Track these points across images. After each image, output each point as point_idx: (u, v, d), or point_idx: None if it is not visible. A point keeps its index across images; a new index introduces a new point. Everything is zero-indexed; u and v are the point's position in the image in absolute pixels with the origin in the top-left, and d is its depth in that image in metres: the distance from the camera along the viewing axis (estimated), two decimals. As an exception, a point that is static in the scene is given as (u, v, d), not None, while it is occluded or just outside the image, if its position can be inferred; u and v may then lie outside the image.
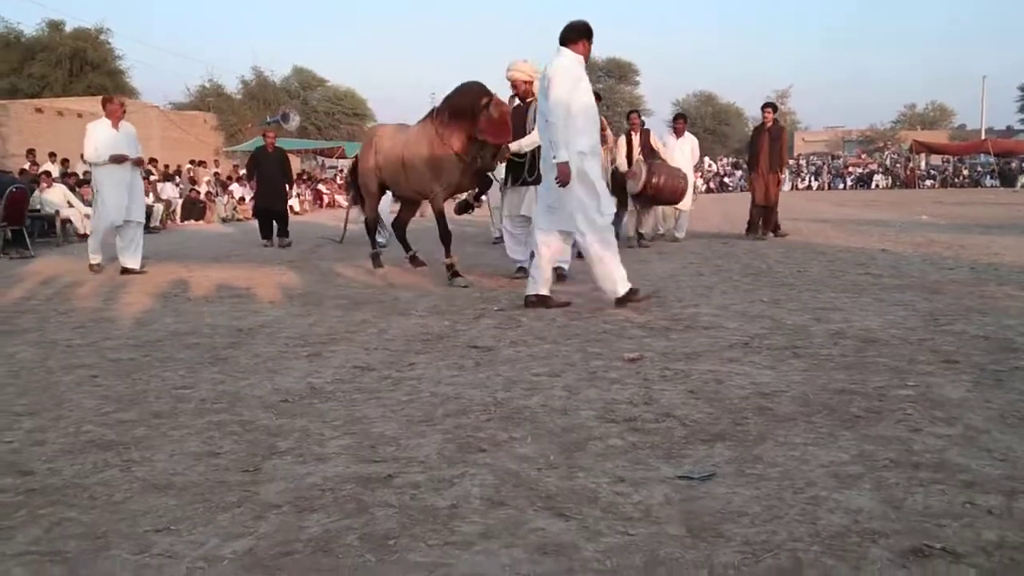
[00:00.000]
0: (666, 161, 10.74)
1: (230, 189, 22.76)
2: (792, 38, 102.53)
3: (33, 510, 2.45)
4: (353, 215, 11.42)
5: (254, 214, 13.97)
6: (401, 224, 8.55)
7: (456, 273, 7.26)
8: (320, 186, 28.32)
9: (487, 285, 7.20)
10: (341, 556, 2.12)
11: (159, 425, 3.27)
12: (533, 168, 7.18)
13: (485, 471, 2.67)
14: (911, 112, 55.88)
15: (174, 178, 22.45)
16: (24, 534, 2.29)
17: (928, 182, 40.53)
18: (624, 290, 5.70)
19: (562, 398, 3.52)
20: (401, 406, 3.46)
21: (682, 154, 11.44)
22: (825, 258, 8.81)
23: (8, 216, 11.93)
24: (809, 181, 42.94)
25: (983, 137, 43.44)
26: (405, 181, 7.80)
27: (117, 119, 8.91)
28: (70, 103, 28.15)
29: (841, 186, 41.50)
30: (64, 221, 14.53)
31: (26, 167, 17.58)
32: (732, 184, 40.82)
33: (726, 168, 44.51)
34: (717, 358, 4.18)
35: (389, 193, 8.83)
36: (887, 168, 43.70)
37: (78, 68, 35.43)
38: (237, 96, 40.27)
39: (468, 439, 3.00)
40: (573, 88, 5.49)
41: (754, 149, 11.61)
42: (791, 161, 38.86)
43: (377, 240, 10.10)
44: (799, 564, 2.01)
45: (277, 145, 13.52)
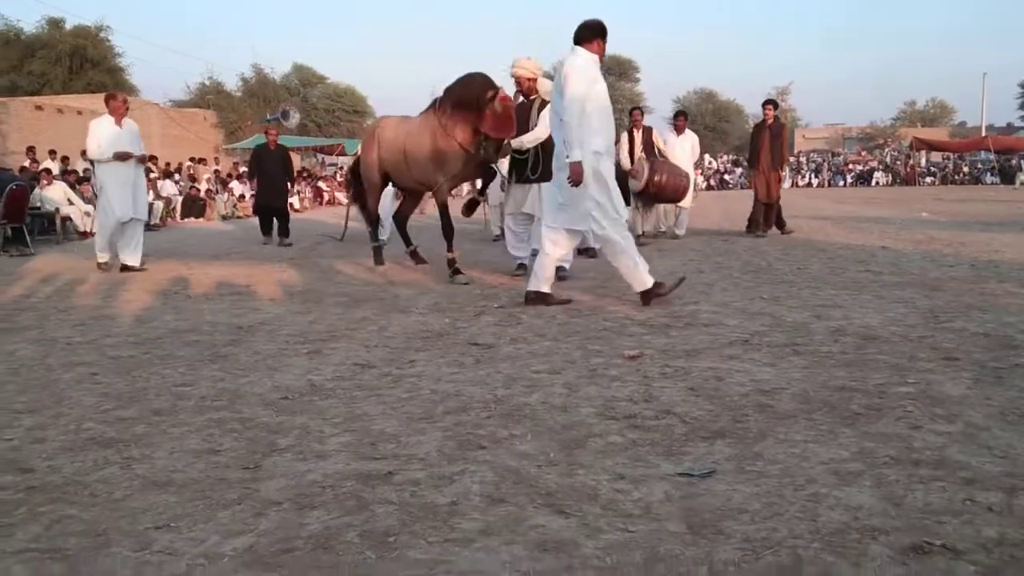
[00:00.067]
0: (668, 159, 10.73)
1: (230, 187, 22.74)
2: (792, 35, 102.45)
3: (33, 507, 2.45)
4: (353, 212, 11.41)
5: (255, 211, 13.94)
6: (403, 217, 8.53)
7: (457, 270, 7.25)
8: (320, 183, 28.27)
9: (487, 282, 7.20)
10: (341, 553, 2.12)
11: (159, 422, 3.28)
12: (536, 165, 7.17)
13: (485, 468, 2.67)
14: (911, 109, 55.76)
15: (174, 175, 22.44)
16: (24, 531, 2.30)
17: (928, 179, 40.49)
18: (650, 283, 5.66)
19: (562, 395, 3.52)
20: (401, 403, 3.46)
21: (683, 151, 11.44)
22: (825, 255, 8.80)
23: (8, 214, 11.93)
24: (809, 178, 42.93)
25: (983, 134, 43.35)
26: (408, 172, 7.76)
27: (120, 116, 8.88)
28: (70, 100, 28.18)
29: (841, 183, 41.47)
30: (64, 219, 14.52)
31: (26, 165, 17.58)
32: (732, 181, 40.81)
33: (726, 165, 44.48)
34: (717, 355, 4.19)
35: (389, 191, 8.82)
36: (887, 165, 43.64)
37: (78, 65, 35.46)
38: (237, 93, 40.29)
39: (468, 436, 3.00)
40: (589, 88, 5.46)
41: (755, 146, 11.56)
42: (791, 158, 38.84)
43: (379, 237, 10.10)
44: (799, 561, 2.01)
45: (279, 142, 13.45)
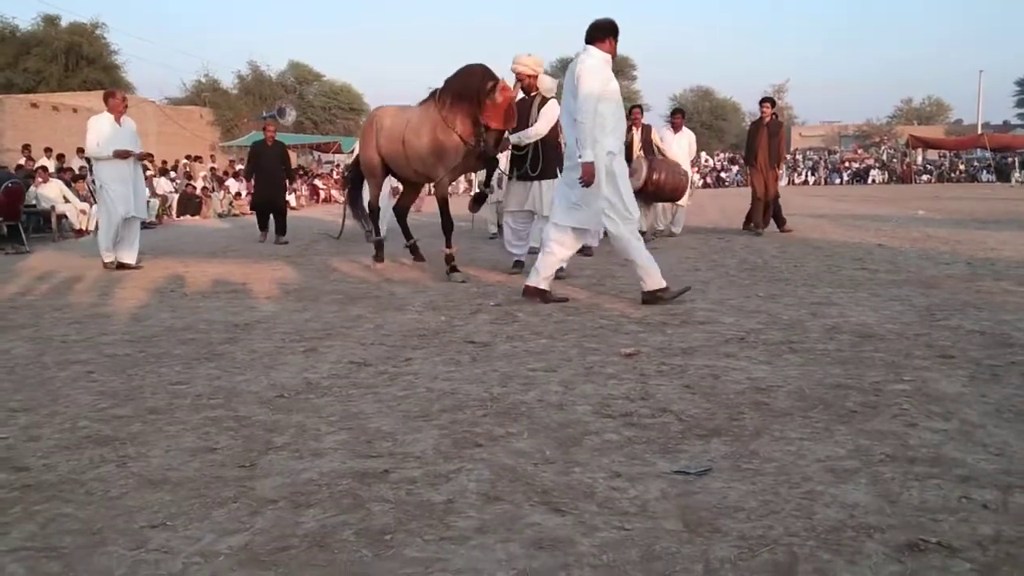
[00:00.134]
0: (667, 157, 10.73)
1: (226, 184, 22.72)
2: (789, 33, 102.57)
3: (28, 506, 2.45)
4: (350, 211, 11.39)
5: (252, 207, 13.87)
6: (403, 209, 8.43)
7: (454, 268, 7.23)
8: (316, 181, 28.24)
9: (484, 280, 7.20)
10: (337, 551, 2.12)
11: (155, 421, 3.27)
12: (536, 162, 7.14)
13: (481, 466, 2.67)
14: (908, 107, 55.87)
15: (169, 173, 22.41)
16: (19, 530, 2.29)
17: (924, 177, 40.54)
18: (662, 284, 5.66)
19: (558, 393, 3.52)
20: (397, 401, 3.46)
21: (679, 149, 11.43)
22: (821, 253, 8.81)
23: (3, 211, 11.91)
24: (806, 176, 42.97)
25: (980, 132, 43.41)
26: (407, 163, 7.66)
27: (119, 114, 8.83)
28: (65, 98, 28.16)
29: (838, 181, 41.52)
30: (60, 217, 14.49)
31: (22, 163, 17.54)
32: (729, 179, 40.84)
33: (723, 163, 44.50)
34: (713, 353, 4.19)
35: (386, 188, 8.78)
36: (884, 163, 43.69)
37: (74, 63, 35.45)
38: (233, 91, 40.30)
39: (464, 434, 3.00)
40: (602, 87, 5.44)
41: (752, 144, 11.52)
42: (788, 156, 38.87)
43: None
44: (795, 559, 2.01)
45: (276, 139, 13.36)
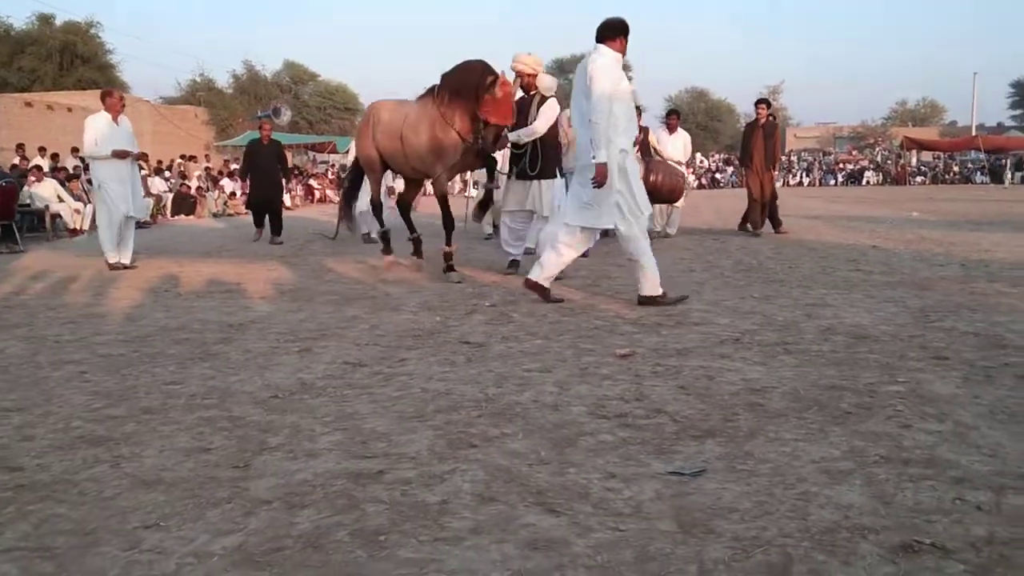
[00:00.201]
0: (664, 159, 10.74)
1: (221, 184, 22.67)
2: (784, 34, 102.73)
3: (22, 506, 2.44)
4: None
5: (248, 206, 13.81)
6: (405, 204, 8.31)
7: (451, 267, 7.21)
8: (312, 181, 28.19)
9: (479, 281, 7.19)
10: (331, 552, 2.11)
11: (149, 421, 3.26)
12: (535, 161, 7.12)
13: (476, 467, 2.67)
14: (902, 108, 56.00)
15: (163, 172, 22.36)
16: (13, 530, 2.29)
17: (919, 178, 40.64)
18: (658, 292, 5.65)
19: (553, 394, 3.52)
20: (392, 402, 3.46)
21: (675, 150, 11.45)
22: (816, 254, 8.83)
23: (-3, 211, 11.86)
24: (800, 177, 43.04)
25: (974, 134, 43.51)
26: (405, 160, 7.54)
27: (117, 113, 8.77)
28: (60, 97, 28.09)
29: (832, 182, 41.60)
30: (54, 216, 14.44)
31: (16, 162, 17.48)
32: (724, 180, 40.88)
33: (718, 164, 44.55)
34: (708, 354, 4.19)
35: (383, 188, 8.73)
36: (878, 164, 43.79)
37: (68, 62, 35.35)
38: (228, 90, 40.22)
39: (459, 435, 3.00)
40: (614, 87, 5.42)
41: (748, 146, 11.51)
42: (783, 157, 38.92)
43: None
44: (789, 560, 2.02)
45: (273, 138, 13.29)
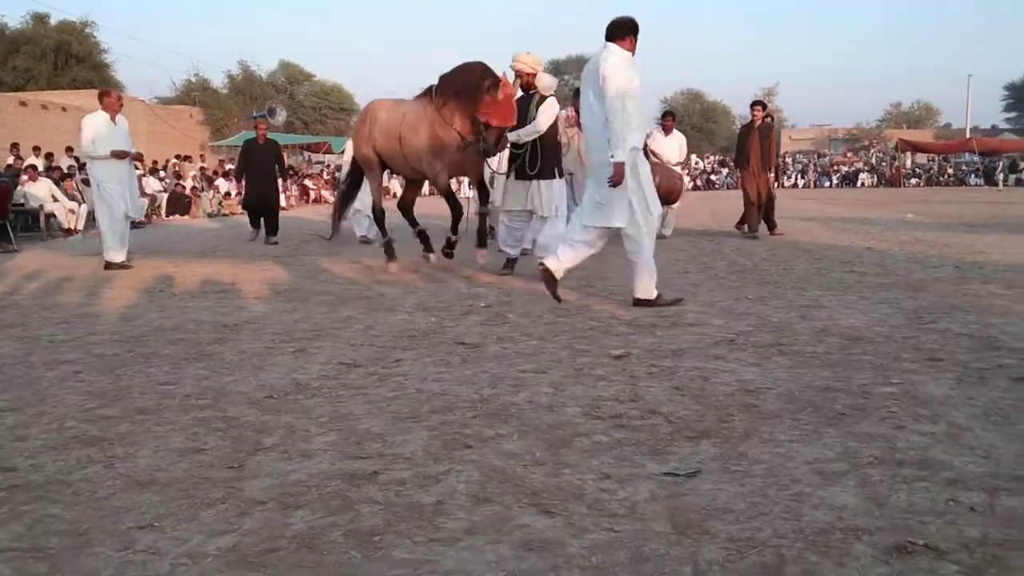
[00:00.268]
0: (661, 161, 10.76)
1: (216, 184, 22.64)
2: (779, 36, 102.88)
3: (15, 506, 2.43)
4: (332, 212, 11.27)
5: (244, 206, 13.76)
6: (406, 206, 8.25)
7: (450, 254, 7.12)
8: (307, 181, 28.17)
9: (474, 281, 7.18)
10: (326, 553, 2.11)
11: (143, 421, 3.26)
12: (534, 161, 7.10)
13: (471, 468, 2.67)
14: (897, 111, 56.10)
15: (158, 172, 22.31)
16: (6, 530, 2.28)
17: (913, 180, 40.73)
18: (653, 295, 5.65)
19: (548, 395, 3.52)
20: (387, 402, 3.45)
21: (670, 151, 11.46)
22: (811, 256, 8.84)
23: (-9, 210, 11.83)
24: (795, 179, 43.10)
25: (968, 136, 43.64)
26: (403, 159, 7.53)
27: (115, 113, 8.75)
28: (55, 96, 28.02)
29: (827, 184, 41.66)
30: (48, 215, 14.42)
31: (10, 161, 17.43)
32: (719, 181, 40.94)
33: (713, 165, 44.61)
34: (703, 355, 4.20)
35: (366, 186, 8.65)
36: (873, 166, 43.88)
37: (63, 61, 35.27)
38: (223, 90, 40.18)
39: (454, 436, 3.00)
40: (627, 85, 5.39)
41: (743, 147, 11.46)
42: (779, 160, 38.93)
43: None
44: (783, 561, 2.02)
45: (269, 137, 13.24)
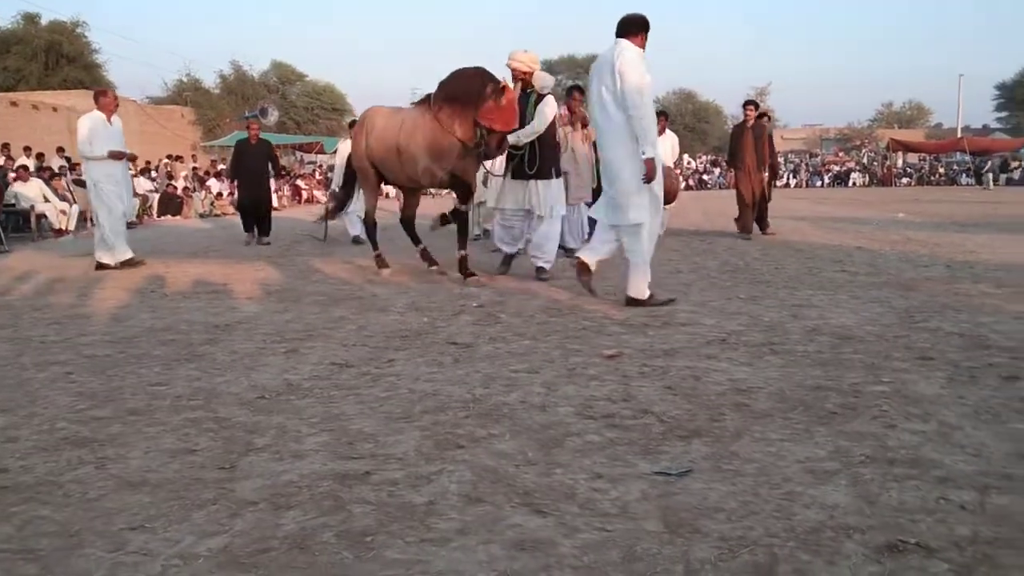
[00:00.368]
0: None
1: (208, 184, 22.58)
2: (771, 36, 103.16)
3: (5, 508, 2.42)
4: (323, 212, 11.15)
5: (237, 207, 13.70)
6: (408, 219, 7.94)
7: (468, 271, 7.04)
8: (299, 181, 28.10)
9: (467, 280, 7.17)
10: (318, 553, 2.11)
11: (134, 422, 3.25)
12: (532, 161, 7.08)
13: (463, 468, 2.67)
14: (888, 110, 56.24)
15: (150, 172, 22.24)
16: (-5, 532, 2.27)
17: (905, 180, 40.84)
18: (645, 296, 5.65)
19: (541, 394, 3.52)
20: (379, 403, 3.45)
21: (663, 151, 11.41)
22: (802, 255, 8.86)
23: (-19, 210, 11.78)
24: (787, 179, 43.18)
25: (959, 136, 43.79)
26: (400, 167, 7.36)
27: (111, 113, 8.68)
28: (46, 97, 27.89)
29: (819, 184, 41.75)
30: (39, 216, 14.36)
31: (1, 162, 17.35)
32: (711, 181, 41.00)
33: (705, 165, 44.67)
34: (695, 354, 4.20)
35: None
36: (864, 166, 43.99)
37: (54, 61, 35.09)
38: (215, 90, 40.05)
39: (446, 436, 3.00)
40: (642, 80, 5.38)
41: (737, 148, 11.38)
42: (779, 161, 38.98)
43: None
44: (775, 559, 2.02)
45: (261, 137, 13.15)
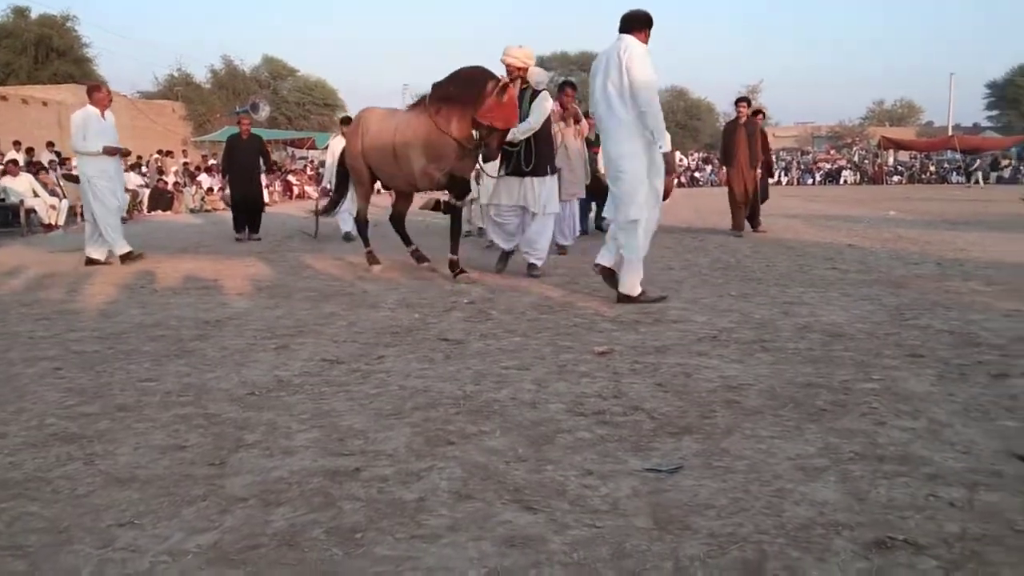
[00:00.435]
0: None
1: (198, 180, 22.50)
2: (763, 34, 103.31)
3: (-8, 504, 2.41)
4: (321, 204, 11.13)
5: (229, 204, 13.63)
6: (398, 217, 7.89)
7: (460, 273, 7.01)
8: (290, 177, 28.03)
9: (461, 277, 7.16)
10: (307, 550, 2.10)
11: (123, 418, 3.23)
12: (528, 158, 7.06)
13: (453, 464, 2.67)
14: (879, 108, 56.36)
15: (140, 168, 22.15)
16: (-17, 529, 2.26)
17: (896, 178, 40.96)
18: (636, 292, 5.65)
19: (531, 391, 3.52)
20: (370, 399, 3.45)
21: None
22: (793, 253, 8.88)
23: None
24: (779, 177, 43.26)
25: (950, 134, 43.95)
26: (397, 169, 7.28)
27: (104, 108, 8.64)
28: (35, 91, 27.78)
29: (810, 182, 41.84)
30: (29, 211, 14.29)
31: (-9, 157, 17.27)
32: (703, 179, 41.06)
33: (697, 163, 44.72)
34: (686, 351, 4.21)
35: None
36: (856, 164, 44.12)
37: (44, 55, 34.91)
38: (206, 85, 39.93)
39: (437, 432, 2.99)
40: (652, 76, 5.33)
41: (730, 145, 11.34)
42: (772, 159, 39.03)
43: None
44: (764, 556, 2.03)
45: (253, 132, 13.07)
